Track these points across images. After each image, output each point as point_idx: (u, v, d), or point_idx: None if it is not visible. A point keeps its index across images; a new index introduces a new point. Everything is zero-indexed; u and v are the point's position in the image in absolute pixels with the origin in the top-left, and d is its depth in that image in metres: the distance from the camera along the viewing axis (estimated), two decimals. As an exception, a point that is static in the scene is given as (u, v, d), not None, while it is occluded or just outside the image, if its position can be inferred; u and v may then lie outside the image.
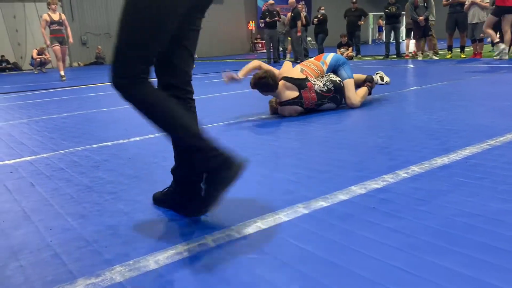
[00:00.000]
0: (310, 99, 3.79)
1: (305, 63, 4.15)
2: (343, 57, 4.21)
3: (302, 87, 3.76)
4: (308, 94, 3.77)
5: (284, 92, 3.73)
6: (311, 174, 2.14)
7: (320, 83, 3.85)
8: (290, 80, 3.75)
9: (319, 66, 4.04)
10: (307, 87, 3.77)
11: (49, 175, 2.42)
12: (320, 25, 13.01)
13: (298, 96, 3.74)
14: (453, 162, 2.16)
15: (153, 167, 2.47)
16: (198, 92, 6.31)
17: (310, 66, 4.04)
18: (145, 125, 3.75)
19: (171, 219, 1.69)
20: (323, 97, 3.84)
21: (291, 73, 3.83)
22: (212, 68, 12.00)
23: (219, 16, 23.38)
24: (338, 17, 23.06)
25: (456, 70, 7.15)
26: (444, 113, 3.47)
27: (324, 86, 3.84)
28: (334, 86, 3.88)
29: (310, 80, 3.83)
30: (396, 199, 1.73)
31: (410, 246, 1.33)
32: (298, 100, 3.76)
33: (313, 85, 3.81)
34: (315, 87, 3.80)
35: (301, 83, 3.77)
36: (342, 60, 4.10)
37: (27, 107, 5.60)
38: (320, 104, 3.87)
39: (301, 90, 3.75)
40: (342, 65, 4.05)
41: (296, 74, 3.86)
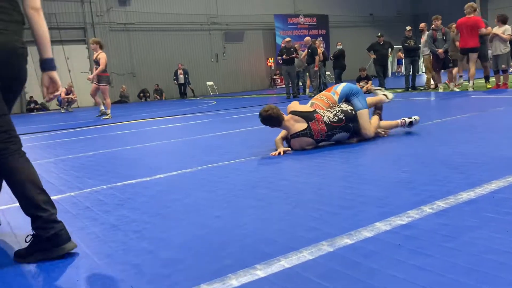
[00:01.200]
0: (320, 130, 3.82)
1: (316, 96, 4.26)
2: (356, 86, 4.23)
3: (310, 119, 3.81)
4: (317, 126, 3.80)
5: (293, 125, 3.81)
6: (334, 210, 2.12)
7: (330, 114, 3.89)
8: (297, 113, 3.84)
9: (329, 96, 4.12)
10: (316, 119, 3.82)
11: (76, 213, 2.47)
12: (337, 60, 13.19)
13: (307, 127, 3.79)
14: (479, 197, 2.12)
15: (176, 204, 2.50)
16: (220, 128, 6.43)
17: (320, 98, 4.14)
18: (168, 163, 3.83)
19: (194, 257, 1.70)
20: (333, 127, 3.85)
21: (298, 108, 3.93)
22: (234, 104, 12.20)
23: (239, 53, 23.98)
24: (356, 51, 23.36)
25: (479, 102, 7.08)
26: (468, 146, 3.43)
27: (335, 117, 3.87)
28: (345, 115, 3.90)
29: (318, 112, 3.88)
30: (422, 236, 1.70)
31: (438, 285, 1.30)
32: (307, 132, 3.80)
33: (322, 116, 3.84)
34: (324, 118, 3.83)
35: (309, 115, 3.83)
36: (355, 89, 4.11)
37: (54, 146, 5.78)
38: (331, 135, 3.88)
39: (309, 122, 3.80)
40: (355, 95, 4.07)
41: (304, 107, 3.95)
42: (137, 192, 2.85)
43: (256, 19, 24.01)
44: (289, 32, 24.02)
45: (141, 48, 21.24)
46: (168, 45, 21.95)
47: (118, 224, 2.21)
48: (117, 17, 20.58)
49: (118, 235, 2.05)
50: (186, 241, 1.88)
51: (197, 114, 9.62)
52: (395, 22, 13.27)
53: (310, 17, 25.46)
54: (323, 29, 25.80)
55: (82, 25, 19.87)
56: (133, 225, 2.18)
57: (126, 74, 20.80)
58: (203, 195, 2.64)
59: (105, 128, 7.91)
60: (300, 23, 25.14)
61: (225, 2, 23.32)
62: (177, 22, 21.96)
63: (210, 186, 2.84)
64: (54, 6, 18.97)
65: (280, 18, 24.43)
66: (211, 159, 3.79)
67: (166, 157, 4.27)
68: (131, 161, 4.14)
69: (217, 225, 2.05)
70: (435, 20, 9.71)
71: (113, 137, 6.41)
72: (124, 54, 20.75)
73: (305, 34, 21.72)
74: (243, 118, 7.51)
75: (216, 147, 4.49)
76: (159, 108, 13.30)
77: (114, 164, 4.03)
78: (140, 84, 21.25)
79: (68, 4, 19.42)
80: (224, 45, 23.60)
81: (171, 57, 21.92)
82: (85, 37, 19.91)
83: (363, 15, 27.80)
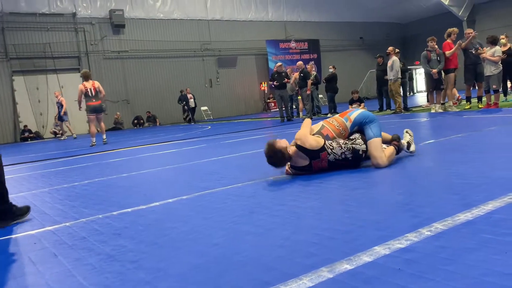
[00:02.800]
0: (321, 166, 3.73)
1: (329, 119, 4.06)
2: (373, 114, 3.97)
3: (314, 158, 3.69)
4: (319, 164, 3.71)
5: (297, 160, 3.74)
6: (332, 235, 2.11)
7: (338, 151, 3.70)
8: (304, 150, 3.68)
9: (341, 122, 3.94)
10: (320, 158, 3.69)
11: (72, 244, 2.44)
12: (329, 83, 13.37)
13: (308, 164, 3.73)
14: (476, 218, 2.12)
15: (173, 232, 2.47)
16: (216, 153, 6.42)
17: (332, 123, 3.96)
18: (164, 190, 3.81)
19: (192, 287, 1.68)
20: (336, 165, 3.73)
21: (307, 140, 3.68)
22: (228, 128, 12.24)
23: (232, 78, 24.26)
24: (347, 74, 23.67)
25: (471, 122, 7.17)
26: (463, 166, 3.45)
27: (342, 155, 3.71)
28: (353, 155, 3.74)
29: (326, 150, 3.68)
30: (421, 259, 1.70)
31: (441, 310, 1.29)
32: (307, 168, 3.75)
33: (328, 155, 3.69)
34: (329, 157, 3.70)
35: (314, 154, 3.68)
36: (370, 117, 3.89)
37: (49, 176, 5.74)
38: (329, 168, 3.77)
39: (312, 160, 3.70)
40: (369, 123, 3.85)
41: (313, 140, 3.69)
42: (134, 221, 2.83)
43: (248, 44, 24.40)
44: (281, 57, 24.40)
45: (135, 75, 21.42)
46: (162, 72, 22.16)
47: (115, 254, 2.19)
48: (111, 46, 20.81)
49: (115, 265, 2.02)
50: (184, 271, 1.86)
51: (192, 139, 9.63)
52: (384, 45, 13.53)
53: (301, 42, 25.92)
54: (314, 53, 26.24)
55: (76, 54, 20.07)
56: (130, 255, 2.15)
57: (120, 101, 20.90)
58: (201, 222, 2.62)
59: (100, 156, 7.89)
60: (292, 47, 25.57)
61: (218, 29, 23.71)
62: (170, 49, 22.24)
63: (207, 213, 2.82)
64: (48, 36, 19.19)
65: (272, 43, 24.85)
66: (207, 185, 3.78)
67: (162, 184, 4.26)
68: (126, 189, 4.11)
69: (215, 253, 2.03)
70: (430, 41, 9.91)
71: (108, 164, 6.39)
72: (118, 82, 20.90)
73: (297, 59, 22.06)
74: (238, 143, 7.53)
75: (212, 173, 4.48)
76: (154, 134, 13.31)
77: (110, 193, 4.00)
78: (135, 111, 21.33)
79: (62, 34, 19.65)
80: (218, 71, 23.88)
81: (165, 84, 22.12)
82: (79, 65, 20.08)
83: (353, 39, 28.36)
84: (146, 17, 21.71)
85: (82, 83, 10.40)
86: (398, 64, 10.98)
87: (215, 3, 23.71)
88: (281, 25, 26.03)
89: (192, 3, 22.98)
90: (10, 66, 18.35)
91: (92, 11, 20.38)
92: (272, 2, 25.57)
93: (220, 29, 23.80)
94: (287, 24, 26.23)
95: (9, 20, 18.28)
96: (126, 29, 21.12)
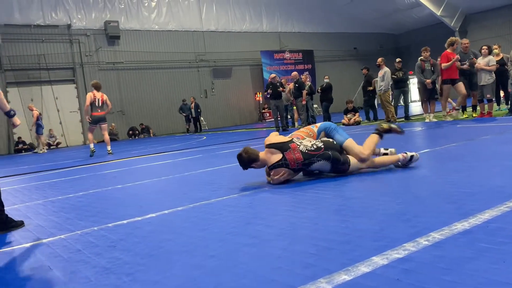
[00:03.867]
0: (295, 159, 3.84)
1: (296, 131, 4.37)
2: (333, 124, 4.24)
3: (285, 149, 3.86)
4: (292, 155, 3.84)
5: (269, 157, 3.89)
6: (330, 245, 2.10)
7: (308, 143, 3.92)
8: (272, 145, 3.91)
9: (309, 128, 4.29)
10: (291, 148, 3.86)
11: (67, 257, 2.41)
12: (324, 93, 13.43)
13: (282, 158, 3.84)
14: (473, 227, 2.12)
15: (169, 244, 2.45)
16: (211, 163, 6.40)
17: (300, 130, 4.31)
18: (160, 201, 3.78)
19: (191, 300, 1.65)
20: (311, 156, 3.85)
21: (274, 140, 3.97)
22: (223, 138, 12.24)
23: (227, 89, 24.31)
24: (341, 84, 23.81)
25: (466, 131, 7.21)
26: (458, 175, 3.46)
27: (313, 146, 3.88)
28: (324, 144, 3.90)
29: (294, 142, 3.92)
30: (419, 269, 1.69)
31: (441, 321, 1.28)
32: (283, 162, 3.85)
33: (298, 145, 3.88)
34: (300, 147, 3.86)
35: (283, 145, 3.88)
36: (332, 126, 4.16)
37: (43, 188, 5.69)
38: (308, 163, 3.87)
39: (284, 152, 3.85)
40: (334, 130, 4.11)
41: (280, 138, 4.00)
42: (129, 233, 2.80)
43: (243, 55, 24.51)
44: (276, 68, 24.52)
45: (130, 86, 21.41)
46: (157, 83, 22.18)
47: (111, 267, 2.16)
48: (106, 57, 20.83)
49: (111, 278, 1.99)
50: (180, 284, 1.84)
51: (187, 150, 9.61)
52: (378, 55, 13.65)
53: (295, 53, 26.07)
54: (308, 63, 26.37)
55: (71, 65, 20.05)
56: (125, 267, 2.13)
57: (115, 112, 20.84)
58: (197, 234, 2.61)
59: (94, 167, 7.84)
60: (286, 58, 25.71)
61: (213, 40, 23.82)
62: (165, 60, 22.29)
63: (203, 225, 2.80)
64: (43, 47, 19.18)
65: (267, 54, 24.97)
66: (203, 196, 3.76)
67: (157, 195, 4.23)
68: (122, 201, 4.08)
69: (212, 265, 2.01)
70: (424, 51, 10.00)
71: (103, 176, 6.35)
72: (113, 93, 20.86)
73: (292, 69, 22.19)
74: (233, 153, 7.51)
75: (207, 183, 4.46)
76: (149, 145, 13.27)
77: (105, 204, 3.97)
78: (130, 121, 21.28)
79: (57, 45, 19.64)
80: (213, 81, 23.93)
81: (161, 95, 22.13)
82: (74, 77, 20.06)
83: (347, 49, 28.57)
84: (141, 28, 21.77)
85: (92, 92, 10.28)
86: (389, 75, 11.06)
87: (209, 14, 23.85)
88: (276, 36, 26.20)
89: (187, 14, 23.10)
90: (5, 78, 18.29)
91: (87, 23, 20.41)
92: (266, 13, 25.77)
93: (215, 40, 23.91)
94: (281, 35, 26.40)
95: (3, 31, 18.26)
96: (121, 40, 21.16)
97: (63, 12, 19.83)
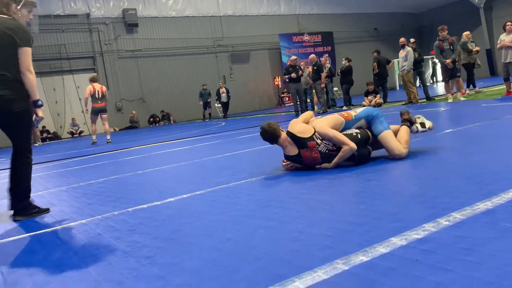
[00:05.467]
0: (312, 158, 3.62)
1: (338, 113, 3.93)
2: (377, 110, 3.82)
3: (302, 146, 3.61)
4: (307, 154, 3.61)
5: (287, 146, 3.72)
6: (347, 227, 2.08)
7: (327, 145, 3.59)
8: (292, 136, 3.67)
9: (349, 113, 3.83)
10: (308, 147, 3.59)
11: (87, 241, 2.46)
12: (344, 76, 13.24)
13: (297, 154, 3.66)
14: (497, 207, 2.06)
15: (188, 227, 2.47)
16: (229, 148, 6.41)
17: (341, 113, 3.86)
18: (179, 186, 3.81)
19: (207, 282, 1.66)
20: (329, 155, 3.60)
21: (296, 128, 3.68)
22: (242, 124, 12.23)
23: (246, 74, 24.20)
24: (362, 66, 23.40)
25: (490, 110, 7.00)
26: (481, 155, 3.36)
27: (334, 146, 3.59)
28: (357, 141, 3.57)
29: (314, 140, 3.59)
30: (440, 250, 1.65)
31: (461, 302, 1.25)
32: (297, 158, 3.69)
33: (317, 145, 3.59)
34: (319, 148, 3.58)
35: (302, 141, 3.60)
36: (375, 112, 3.76)
37: (67, 175, 5.81)
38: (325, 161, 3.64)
39: (300, 149, 3.63)
40: (375, 118, 3.73)
41: (301, 127, 3.67)
42: (149, 217, 2.83)
43: (261, 39, 24.28)
44: (295, 51, 24.22)
45: (149, 74, 21.54)
46: (176, 70, 22.24)
47: (130, 250, 2.19)
48: (125, 45, 20.96)
49: (130, 261, 2.02)
50: (198, 266, 1.85)
51: (206, 136, 9.65)
52: (399, 35, 13.31)
53: (315, 35, 25.67)
54: (328, 45, 25.97)
55: (91, 54, 20.26)
56: (144, 250, 2.15)
57: (135, 100, 21.06)
58: (215, 217, 2.61)
59: (115, 154, 7.96)
60: (305, 41, 25.35)
61: (230, 24, 23.66)
62: (183, 46, 22.29)
63: (221, 208, 2.81)
64: (63, 37, 19.42)
65: (285, 37, 24.67)
66: (221, 181, 3.77)
67: (176, 180, 4.26)
68: (141, 186, 4.13)
69: (229, 248, 2.02)
70: (441, 30, 9.72)
71: (124, 162, 6.44)
72: (133, 81, 21.05)
73: (311, 52, 21.88)
74: (252, 138, 7.51)
75: (226, 168, 4.47)
76: (169, 132, 13.38)
77: (125, 190, 4.02)
78: (150, 109, 21.46)
79: (77, 35, 19.85)
80: (231, 67, 23.84)
81: (179, 81, 22.19)
82: (94, 65, 20.29)
83: (367, 30, 27.99)
84: (158, 15, 21.78)
85: (92, 84, 11.01)
86: (412, 55, 10.81)
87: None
88: (294, 19, 25.84)
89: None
90: (28, 68, 18.63)
91: (105, 11, 20.53)
92: (284, -5, 25.41)
93: (233, 24, 23.74)
94: (299, 17, 26.01)
95: (25, 23, 18.53)
96: (140, 28, 21.23)
97: (81, 2, 19.98)
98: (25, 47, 3.27)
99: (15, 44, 3.21)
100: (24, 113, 3.27)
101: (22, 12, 3.38)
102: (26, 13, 3.43)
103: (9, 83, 3.21)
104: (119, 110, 20.64)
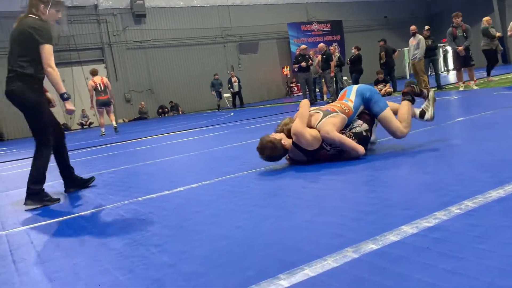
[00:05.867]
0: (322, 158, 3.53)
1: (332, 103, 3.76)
2: (368, 86, 3.67)
3: (313, 157, 3.51)
4: (318, 157, 3.52)
5: (293, 150, 3.55)
6: (357, 215, 2.06)
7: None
8: (301, 149, 3.48)
9: (345, 104, 3.60)
10: (319, 155, 3.49)
11: (97, 230, 2.48)
12: (353, 65, 13.12)
13: (306, 160, 3.58)
14: (509, 195, 2.03)
15: (197, 216, 2.47)
16: (238, 138, 6.40)
17: (334, 104, 3.70)
18: (188, 176, 3.82)
19: (217, 270, 1.66)
20: (339, 155, 3.51)
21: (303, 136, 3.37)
22: (251, 114, 12.21)
23: (254, 64, 24.09)
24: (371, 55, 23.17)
25: (502, 98, 6.90)
26: (494, 143, 3.32)
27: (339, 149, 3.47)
28: (357, 140, 3.45)
29: (324, 148, 3.44)
30: (451, 238, 1.63)
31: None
32: (305, 160, 3.59)
33: (327, 152, 3.47)
34: (328, 152, 3.47)
35: (313, 154, 3.48)
36: (368, 91, 3.57)
37: (76, 165, 5.84)
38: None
39: (309, 157, 3.53)
40: (371, 97, 3.55)
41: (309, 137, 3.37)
42: (158, 206, 2.85)
43: (269, 29, 24.13)
44: (303, 40, 24.04)
45: (158, 65, 21.56)
46: (184, 60, 22.22)
47: (139, 238, 2.20)
48: (133, 36, 20.97)
49: (140, 249, 2.03)
50: (207, 254, 1.85)
51: (215, 126, 9.65)
52: (409, 23, 13.14)
53: (324, 24, 25.44)
54: (337, 34, 25.73)
55: (100, 45, 20.32)
56: (154, 239, 2.16)
57: (144, 91, 21.11)
58: (223, 206, 2.62)
59: (125, 145, 8.00)
60: (314, 30, 25.14)
61: (238, 14, 23.53)
62: (191, 36, 22.24)
63: (230, 197, 2.81)
64: (72, 29, 19.46)
65: (294, 26, 24.48)
66: (230, 170, 3.77)
67: (185, 170, 4.27)
68: (151, 176, 4.15)
69: (238, 236, 2.02)
70: (455, 17, 9.57)
71: (134, 152, 6.47)
72: (142, 71, 21.09)
73: (320, 41, 21.70)
74: (260, 128, 7.49)
75: (234, 158, 4.47)
76: (178, 123, 13.41)
77: (135, 180, 4.04)
78: (159, 100, 21.51)
79: (85, 26, 19.90)
80: (239, 57, 23.76)
81: (188, 71, 22.18)
82: (103, 56, 20.34)
83: (377, 18, 27.65)
84: (166, 5, 21.74)
85: (92, 79, 10.88)
86: (424, 43, 10.66)
87: (234, -12, 23.51)
88: (302, 7, 25.61)
89: (211, -11, 22.86)
90: (37, 60, 18.75)
91: (113, 2, 20.53)
92: (292, -16, 25.17)
93: (241, 14, 23.61)
94: (308, 6, 25.77)
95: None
96: (147, 18, 21.21)
97: (89, -7, 20.01)
98: (45, 44, 3.35)
99: (35, 41, 3.31)
100: (33, 106, 3.38)
101: (50, 12, 3.47)
102: (55, 12, 3.52)
103: (20, 77, 3.35)
104: (128, 101, 20.73)
